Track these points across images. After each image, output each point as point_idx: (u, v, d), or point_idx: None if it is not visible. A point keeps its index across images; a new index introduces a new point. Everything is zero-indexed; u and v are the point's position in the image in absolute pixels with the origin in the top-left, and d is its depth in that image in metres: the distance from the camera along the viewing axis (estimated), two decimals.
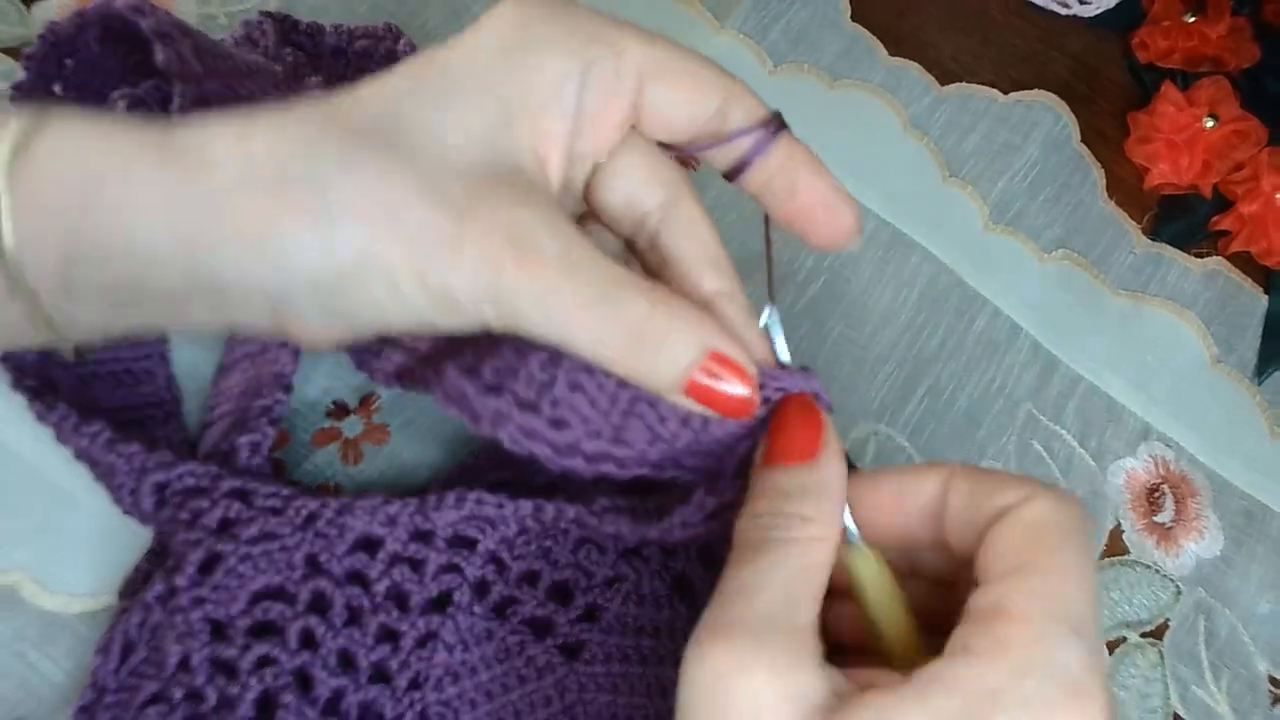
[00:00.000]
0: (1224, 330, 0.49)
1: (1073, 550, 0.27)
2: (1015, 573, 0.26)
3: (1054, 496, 0.28)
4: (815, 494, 0.28)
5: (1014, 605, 0.26)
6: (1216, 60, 0.54)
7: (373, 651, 0.33)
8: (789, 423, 0.30)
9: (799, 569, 0.27)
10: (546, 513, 0.33)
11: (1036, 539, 0.27)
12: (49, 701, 0.34)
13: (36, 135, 0.26)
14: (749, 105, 0.31)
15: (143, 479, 0.32)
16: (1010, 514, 0.28)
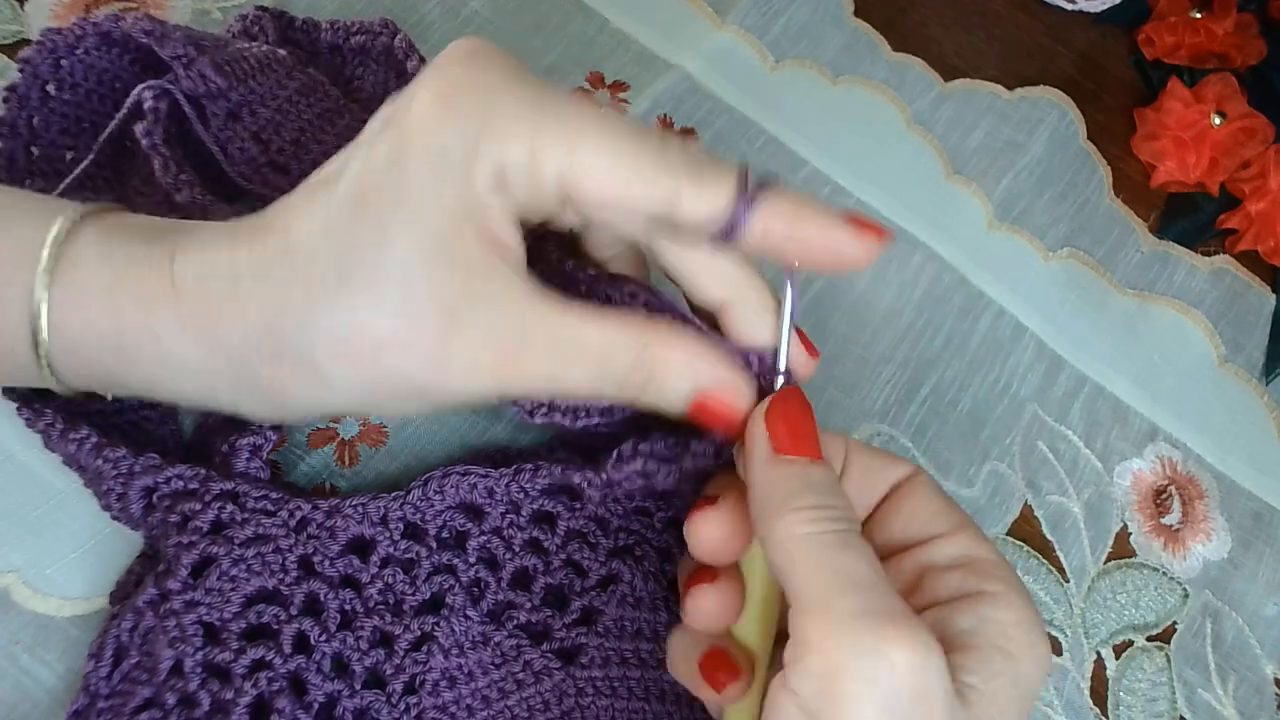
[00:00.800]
0: (1231, 329, 0.49)
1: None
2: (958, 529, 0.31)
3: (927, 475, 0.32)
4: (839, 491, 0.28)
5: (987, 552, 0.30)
6: (1223, 57, 0.53)
7: (367, 656, 0.32)
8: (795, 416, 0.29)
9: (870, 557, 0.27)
10: (524, 475, 0.34)
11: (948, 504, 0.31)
12: (42, 705, 0.33)
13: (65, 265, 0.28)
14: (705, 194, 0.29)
15: (130, 483, 0.32)
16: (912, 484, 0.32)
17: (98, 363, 0.29)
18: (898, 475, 0.31)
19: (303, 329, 0.28)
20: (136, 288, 0.28)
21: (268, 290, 0.28)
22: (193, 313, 0.28)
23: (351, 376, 0.28)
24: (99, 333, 0.28)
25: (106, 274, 0.28)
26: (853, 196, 0.48)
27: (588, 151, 0.28)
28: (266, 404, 0.29)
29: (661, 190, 0.28)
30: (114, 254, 0.29)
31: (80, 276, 0.28)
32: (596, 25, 0.49)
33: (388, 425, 0.39)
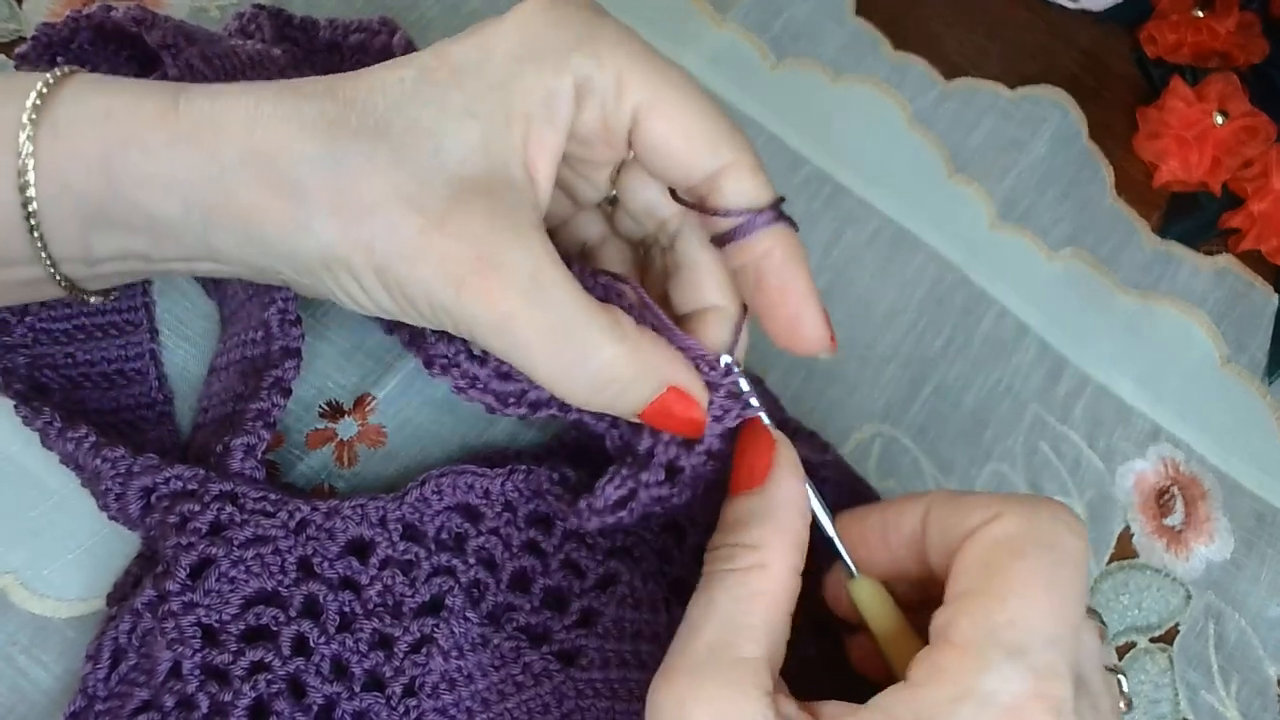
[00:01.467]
0: (1234, 329, 0.49)
1: (1028, 568, 0.26)
2: (961, 596, 0.26)
3: (1023, 512, 0.27)
4: (760, 519, 0.28)
5: (953, 631, 0.26)
6: (1225, 55, 0.53)
7: (366, 658, 0.32)
8: (742, 450, 0.30)
9: (739, 600, 0.27)
10: (519, 475, 0.34)
11: (990, 559, 0.26)
12: (39, 706, 0.33)
13: (53, 102, 0.28)
14: (746, 185, 0.30)
15: (128, 483, 0.32)
16: (975, 534, 0.27)
17: (82, 192, 0.28)
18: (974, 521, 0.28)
19: (310, 160, 0.27)
20: (135, 109, 0.28)
21: (288, 118, 0.27)
22: (189, 131, 0.28)
23: (330, 227, 0.27)
24: (85, 159, 0.28)
25: (103, 102, 0.28)
26: (854, 195, 0.48)
27: (671, 96, 0.29)
28: (237, 233, 0.28)
29: (720, 159, 0.29)
30: (112, 88, 0.28)
31: (73, 112, 0.28)
32: None
33: (387, 426, 0.39)
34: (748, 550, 0.28)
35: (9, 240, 0.28)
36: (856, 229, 0.47)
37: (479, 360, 0.32)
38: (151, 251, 0.29)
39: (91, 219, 0.28)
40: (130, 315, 0.38)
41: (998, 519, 0.27)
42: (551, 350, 0.28)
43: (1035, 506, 0.27)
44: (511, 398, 0.32)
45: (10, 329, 0.36)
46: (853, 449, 0.43)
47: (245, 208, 0.27)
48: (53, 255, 0.29)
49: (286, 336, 0.35)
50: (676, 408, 0.29)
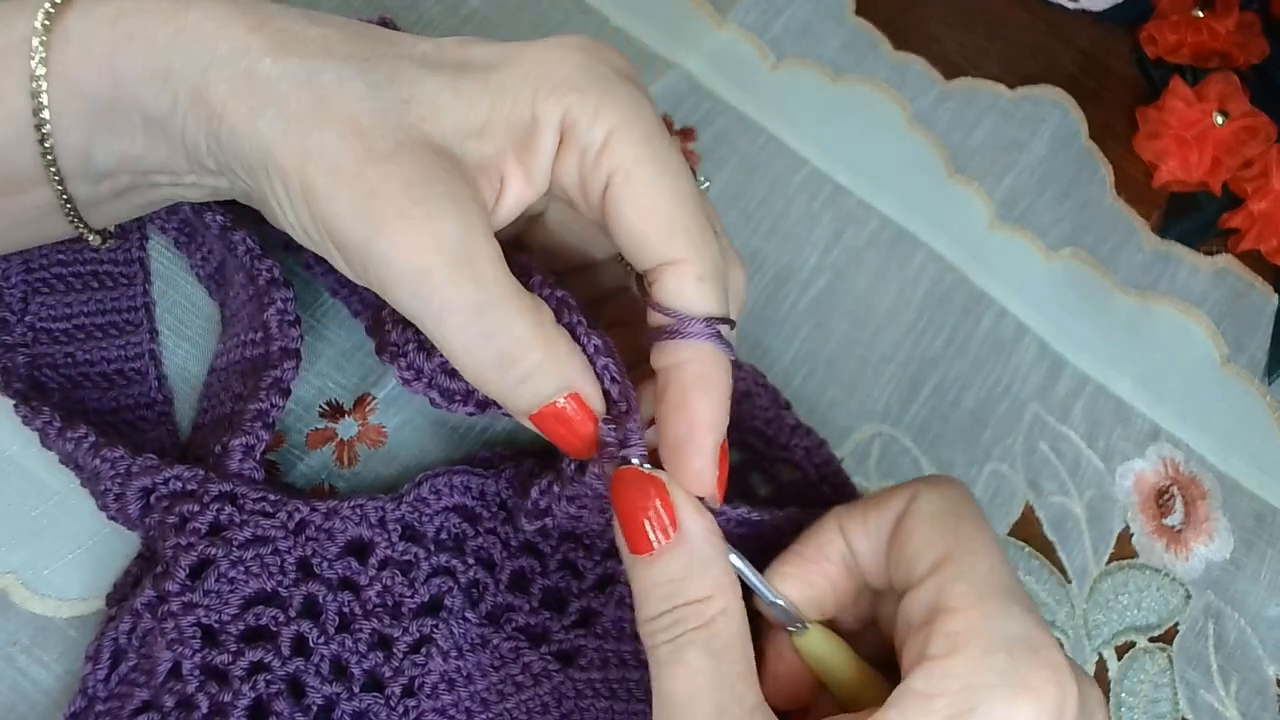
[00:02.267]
0: (1234, 329, 0.49)
1: (973, 527, 0.28)
2: (935, 568, 0.27)
3: (934, 484, 0.29)
4: (698, 569, 0.27)
5: (949, 597, 0.26)
6: (1225, 55, 0.53)
7: (365, 658, 0.32)
8: (634, 504, 0.28)
9: (723, 653, 0.27)
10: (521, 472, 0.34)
11: (939, 528, 0.28)
12: (40, 706, 0.33)
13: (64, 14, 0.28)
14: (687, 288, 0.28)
15: (128, 483, 0.32)
16: (905, 518, 0.28)
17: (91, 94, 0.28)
18: (894, 512, 0.29)
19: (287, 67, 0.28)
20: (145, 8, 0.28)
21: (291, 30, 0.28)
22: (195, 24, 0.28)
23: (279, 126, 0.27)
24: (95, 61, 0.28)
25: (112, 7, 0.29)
26: (853, 196, 0.48)
27: (648, 174, 0.28)
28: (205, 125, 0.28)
29: (671, 253, 0.28)
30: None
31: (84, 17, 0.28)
32: (596, 24, 0.49)
33: (387, 426, 0.39)
34: (702, 604, 0.27)
35: (19, 155, 0.29)
36: (856, 229, 0.47)
37: (427, 351, 0.31)
38: (145, 154, 0.30)
39: (96, 122, 0.29)
40: (130, 315, 0.38)
41: (916, 499, 0.28)
42: (463, 318, 0.27)
43: (936, 480, 0.29)
44: (458, 395, 0.31)
45: (10, 328, 0.36)
46: (852, 449, 0.43)
47: (217, 101, 0.28)
48: (61, 170, 0.29)
49: (285, 337, 0.35)
50: (573, 417, 0.28)
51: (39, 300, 0.36)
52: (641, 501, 0.28)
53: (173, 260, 0.40)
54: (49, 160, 0.29)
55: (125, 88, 0.28)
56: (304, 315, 0.40)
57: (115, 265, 0.38)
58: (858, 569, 0.30)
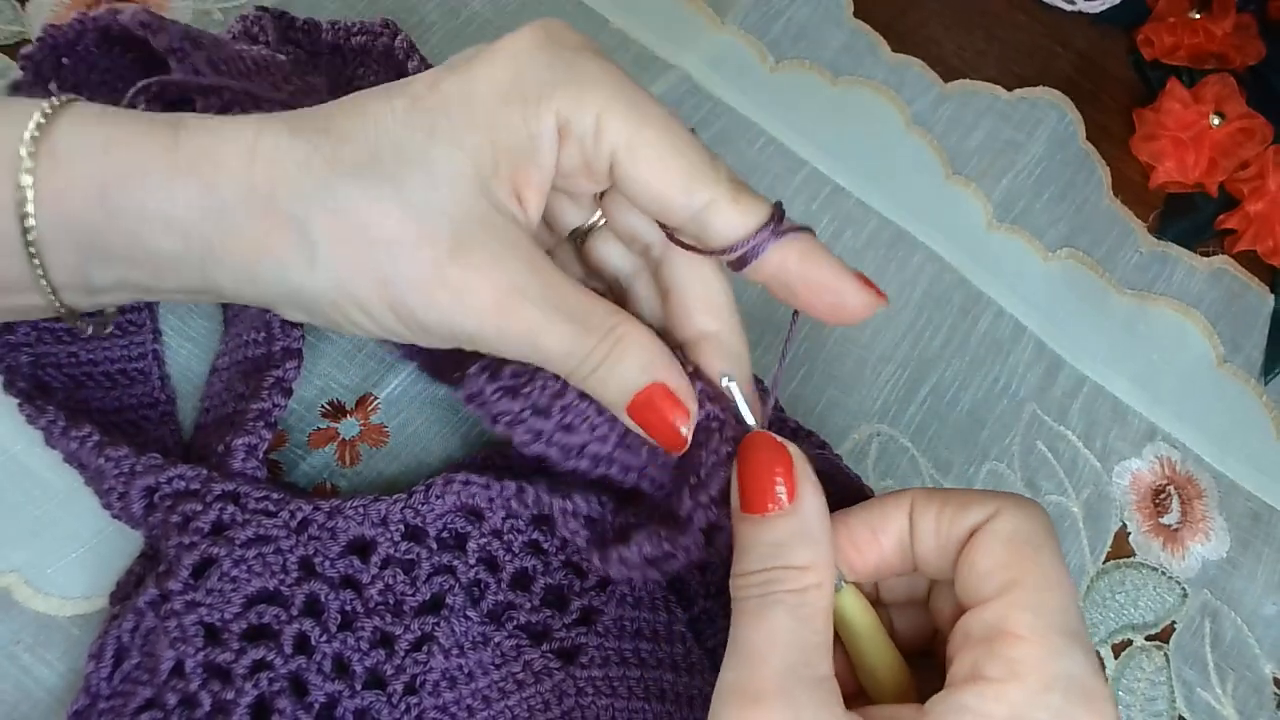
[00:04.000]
0: (1230, 329, 0.49)
1: (1051, 559, 0.27)
2: (1006, 590, 0.27)
3: (1020, 507, 0.28)
4: (803, 540, 0.28)
5: (1015, 624, 0.26)
6: (1222, 57, 0.53)
7: (367, 656, 0.32)
8: (759, 468, 0.29)
9: (808, 620, 0.27)
10: (527, 495, 0.34)
11: (1017, 553, 0.27)
12: (44, 704, 0.33)
13: (52, 131, 0.28)
14: (733, 217, 0.30)
15: (131, 482, 0.32)
16: (984, 531, 0.28)
17: (81, 223, 0.28)
18: (973, 520, 0.29)
19: (308, 197, 0.27)
20: (133, 141, 0.28)
21: (284, 155, 0.28)
22: (188, 165, 0.28)
23: (338, 263, 0.28)
24: (84, 191, 0.27)
25: (102, 132, 0.28)
26: (852, 197, 0.48)
27: (647, 140, 0.29)
28: (238, 269, 0.28)
29: (698, 199, 0.30)
30: (111, 119, 0.28)
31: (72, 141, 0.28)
32: (596, 25, 0.49)
33: (389, 425, 0.39)
34: (800, 572, 0.28)
35: (9, 268, 0.28)
36: (855, 230, 0.47)
37: (543, 414, 0.31)
38: (152, 284, 0.30)
39: (90, 250, 0.28)
40: (133, 315, 0.38)
41: (1000, 516, 0.28)
42: (561, 338, 0.29)
43: (1023, 502, 0.28)
44: (574, 449, 0.32)
45: (14, 328, 0.36)
46: (851, 449, 0.43)
47: (248, 244, 0.28)
48: (53, 283, 0.29)
49: (287, 337, 0.35)
50: (663, 405, 0.30)
51: None
52: (770, 465, 0.29)
53: None
54: (40, 274, 0.29)
55: (121, 224, 0.28)
56: None
57: None
58: (911, 553, 0.30)
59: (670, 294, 0.33)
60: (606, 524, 0.33)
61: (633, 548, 0.31)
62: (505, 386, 0.31)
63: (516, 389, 0.31)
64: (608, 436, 0.31)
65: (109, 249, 0.28)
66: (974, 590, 0.27)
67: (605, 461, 0.32)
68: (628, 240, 0.33)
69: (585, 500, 0.33)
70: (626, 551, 0.31)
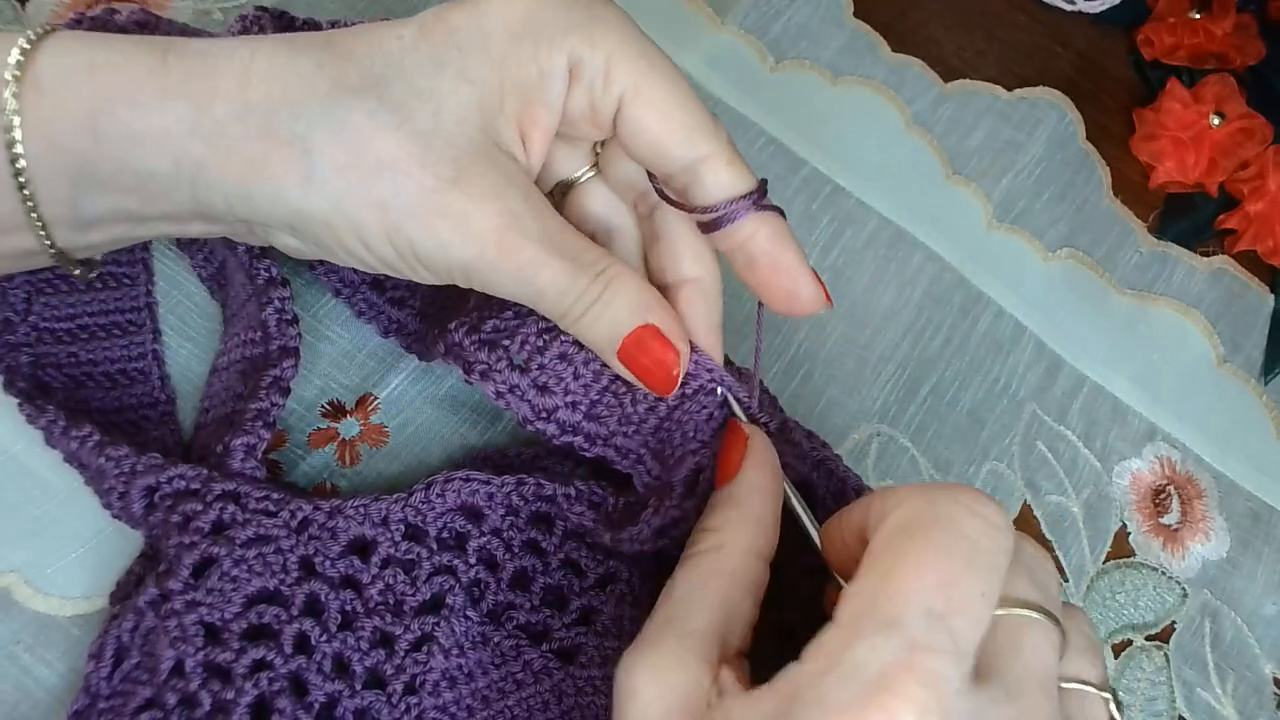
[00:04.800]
0: (1230, 329, 0.49)
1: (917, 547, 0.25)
2: (855, 579, 0.25)
3: (926, 496, 0.26)
4: (722, 505, 0.30)
5: (840, 610, 0.25)
6: (1222, 57, 0.53)
7: (367, 656, 0.32)
8: (723, 449, 0.32)
9: (695, 579, 0.28)
10: (527, 487, 0.34)
11: (887, 542, 0.25)
12: (44, 704, 0.33)
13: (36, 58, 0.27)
14: (723, 178, 0.31)
15: (132, 482, 0.32)
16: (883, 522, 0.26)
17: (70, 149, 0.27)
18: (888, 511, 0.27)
19: (310, 115, 0.27)
20: (122, 64, 0.27)
21: (283, 71, 0.27)
22: (180, 84, 0.27)
23: (336, 183, 0.27)
24: (73, 116, 0.27)
25: (87, 56, 0.27)
26: (852, 197, 0.48)
27: (655, 86, 0.30)
28: (233, 188, 0.28)
29: (696, 151, 0.30)
30: (97, 43, 0.28)
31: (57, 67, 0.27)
32: None
33: (389, 425, 0.39)
34: (708, 534, 0.29)
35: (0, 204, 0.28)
36: (855, 230, 0.48)
37: (519, 369, 0.33)
38: (143, 209, 0.29)
39: (80, 177, 0.28)
40: (133, 315, 0.38)
41: (899, 506, 0.26)
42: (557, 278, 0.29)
43: (938, 491, 0.26)
44: (544, 411, 0.33)
45: (14, 328, 0.36)
46: (850, 449, 0.43)
47: (243, 163, 0.27)
48: (44, 218, 0.28)
49: (284, 336, 0.35)
50: (654, 344, 0.31)
51: (42, 300, 0.37)
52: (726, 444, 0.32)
53: (175, 261, 0.40)
54: (30, 208, 0.28)
55: (111, 148, 0.27)
56: (306, 316, 0.40)
57: (118, 265, 0.38)
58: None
59: (660, 240, 0.34)
60: (609, 506, 0.34)
61: (641, 525, 0.32)
62: (484, 339, 0.33)
63: (495, 342, 0.32)
64: (578, 404, 0.33)
65: (99, 175, 0.28)
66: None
67: (571, 429, 0.33)
68: (623, 189, 0.34)
69: (587, 485, 0.34)
70: (636, 530, 0.32)
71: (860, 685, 0.23)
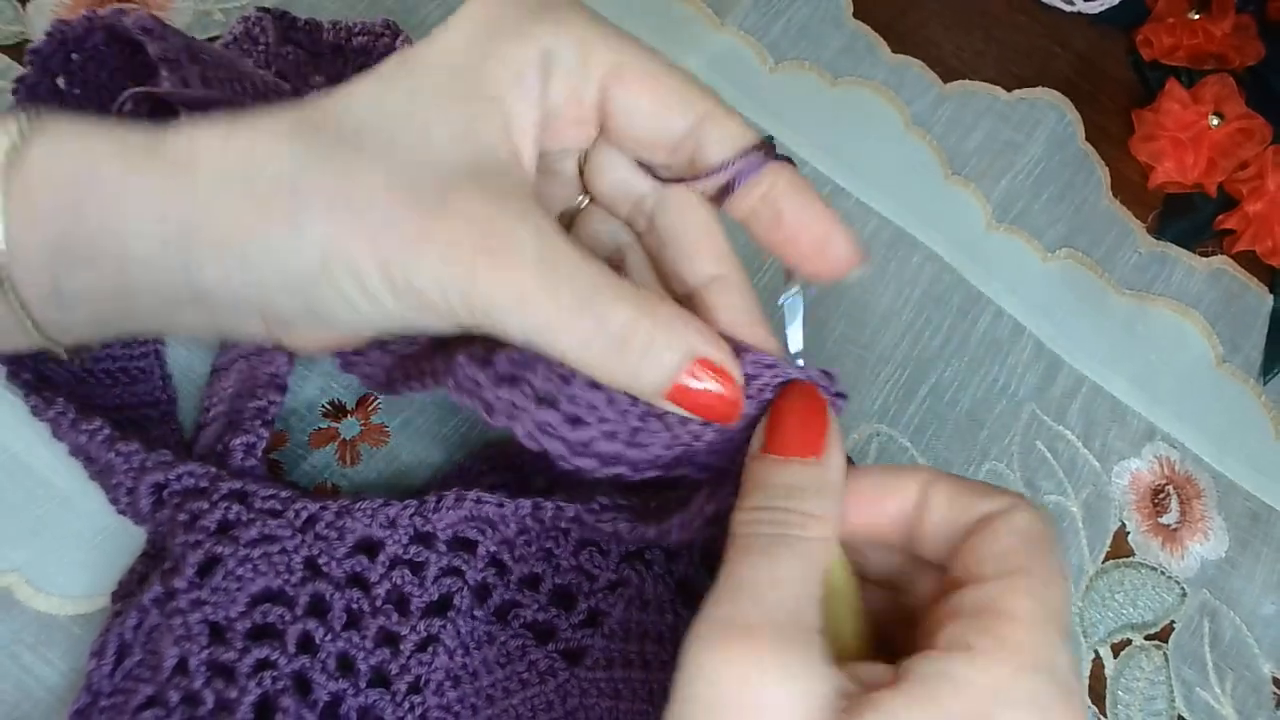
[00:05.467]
0: (1229, 330, 0.49)
1: (1056, 559, 0.27)
2: (1011, 575, 0.27)
3: (1034, 509, 0.28)
4: (823, 492, 0.28)
5: (1013, 606, 0.26)
6: (1221, 58, 0.53)
7: (372, 655, 0.33)
8: (792, 413, 0.29)
9: (809, 570, 0.27)
10: (545, 511, 0.32)
11: (1027, 545, 0.27)
12: (45, 704, 0.33)
13: (31, 139, 0.27)
14: (730, 129, 0.29)
15: (141, 478, 0.32)
16: (998, 520, 0.28)
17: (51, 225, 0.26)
18: (990, 507, 0.28)
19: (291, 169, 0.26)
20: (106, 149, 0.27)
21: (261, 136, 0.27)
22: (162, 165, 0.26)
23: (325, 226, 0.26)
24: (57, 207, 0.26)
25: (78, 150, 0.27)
26: (852, 197, 0.48)
27: (636, 60, 0.29)
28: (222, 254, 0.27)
29: (695, 111, 0.29)
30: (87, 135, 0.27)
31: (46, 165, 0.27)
32: None
33: (389, 425, 0.39)
34: (815, 521, 0.27)
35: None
36: (855, 230, 0.47)
37: (547, 404, 0.29)
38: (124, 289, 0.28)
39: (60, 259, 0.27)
40: None
41: (1016, 510, 0.28)
42: (570, 321, 0.26)
43: (1037, 505, 0.29)
44: (580, 446, 0.29)
45: None
46: (850, 448, 0.43)
47: (230, 225, 0.26)
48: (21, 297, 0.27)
49: None
50: (704, 378, 0.28)
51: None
52: (803, 413, 0.29)
53: None
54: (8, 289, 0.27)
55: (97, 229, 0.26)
56: None
57: None
58: (907, 526, 0.29)
59: (668, 246, 0.31)
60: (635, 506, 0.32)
61: (693, 513, 0.30)
62: (501, 375, 0.29)
63: (516, 377, 0.29)
64: (617, 433, 0.29)
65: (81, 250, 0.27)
66: (974, 569, 0.27)
67: (613, 460, 0.30)
68: (617, 205, 0.32)
69: (610, 499, 0.32)
70: (687, 516, 0.30)
71: (1057, 687, 0.25)
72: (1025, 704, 0.24)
